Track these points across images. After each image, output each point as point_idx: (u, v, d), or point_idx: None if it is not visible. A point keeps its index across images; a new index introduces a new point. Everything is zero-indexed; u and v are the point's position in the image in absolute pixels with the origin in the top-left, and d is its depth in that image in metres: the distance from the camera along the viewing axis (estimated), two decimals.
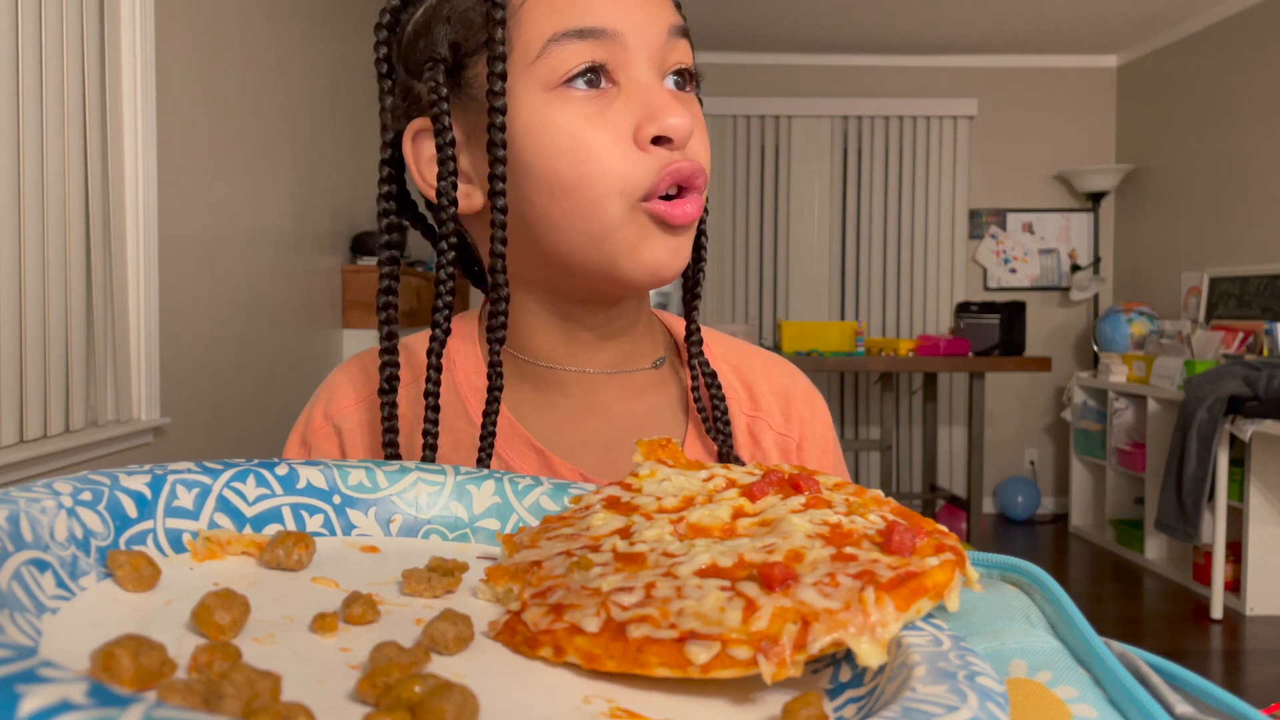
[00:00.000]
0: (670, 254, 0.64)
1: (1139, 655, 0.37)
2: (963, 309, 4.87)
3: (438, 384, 0.66)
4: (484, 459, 0.64)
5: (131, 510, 0.41)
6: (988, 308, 4.73)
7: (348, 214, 3.62)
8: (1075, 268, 5.63)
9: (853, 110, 5.61)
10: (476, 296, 4.80)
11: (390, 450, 0.66)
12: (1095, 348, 5.17)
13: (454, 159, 0.64)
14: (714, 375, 0.73)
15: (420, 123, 0.67)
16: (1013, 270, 5.69)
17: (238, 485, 0.46)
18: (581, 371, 0.71)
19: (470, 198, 0.67)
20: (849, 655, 0.36)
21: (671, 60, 0.65)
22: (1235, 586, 3.91)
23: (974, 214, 5.68)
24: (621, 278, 0.64)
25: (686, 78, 0.66)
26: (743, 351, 0.81)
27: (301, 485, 0.48)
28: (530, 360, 0.71)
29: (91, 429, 1.97)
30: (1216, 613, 3.80)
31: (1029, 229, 5.68)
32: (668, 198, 0.63)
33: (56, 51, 1.81)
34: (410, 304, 3.73)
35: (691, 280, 0.74)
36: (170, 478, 0.44)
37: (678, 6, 0.67)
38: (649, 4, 0.64)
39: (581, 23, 0.61)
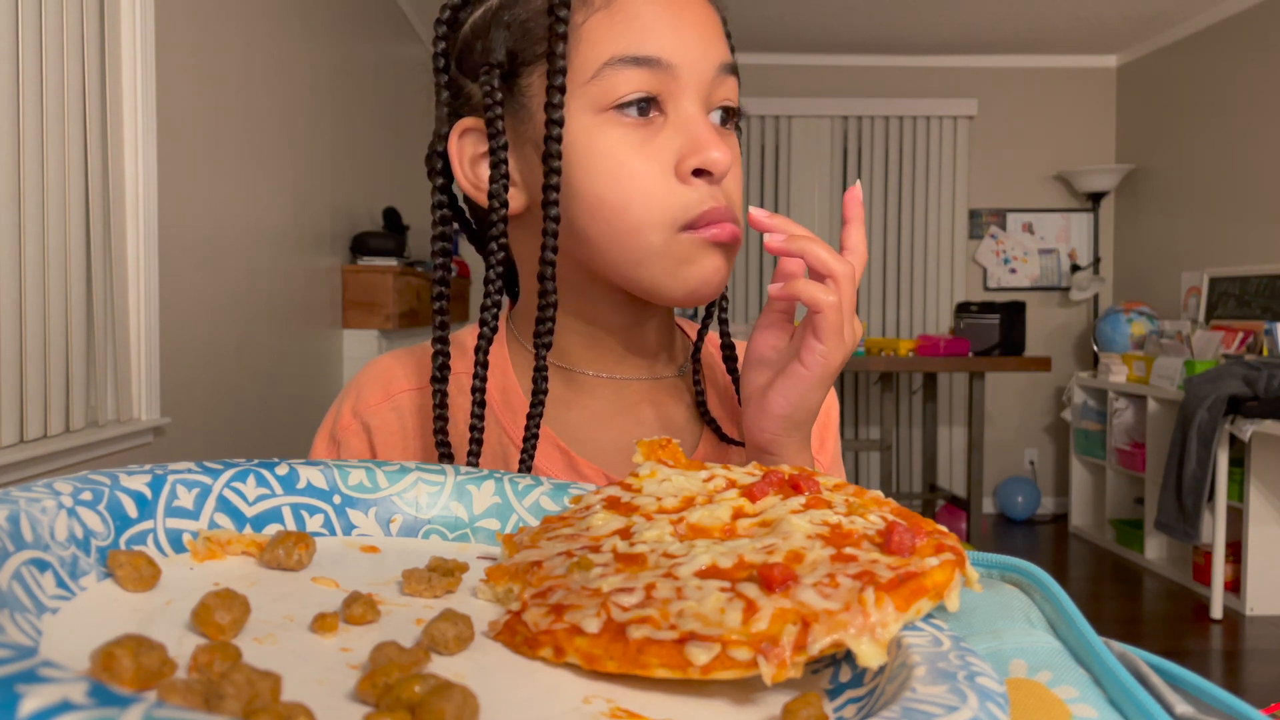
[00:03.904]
0: (713, 273, 0.65)
1: (1139, 655, 0.37)
2: (962, 309, 4.87)
3: (484, 380, 0.67)
4: (526, 463, 0.65)
5: (132, 510, 0.41)
6: (988, 308, 4.73)
7: (348, 214, 3.62)
8: (1075, 268, 5.63)
9: (853, 110, 5.60)
10: (473, 296, 4.79)
11: (441, 436, 0.67)
12: (1095, 348, 5.16)
13: (506, 163, 0.65)
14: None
15: (468, 121, 0.68)
16: (1013, 270, 5.69)
17: (238, 485, 0.46)
18: (609, 377, 0.72)
19: (513, 200, 0.68)
20: (849, 655, 0.36)
21: (718, 96, 0.66)
22: (1235, 586, 3.91)
23: (974, 214, 5.68)
24: (662, 295, 0.65)
25: (730, 115, 0.67)
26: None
27: (301, 485, 0.48)
28: (557, 363, 0.72)
29: (91, 429, 1.97)
30: (1216, 613, 3.80)
31: (1029, 229, 5.68)
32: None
33: (56, 51, 1.81)
34: (410, 304, 3.72)
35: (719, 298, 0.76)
36: (170, 478, 0.44)
37: (728, 35, 0.68)
38: (704, 39, 0.65)
39: (639, 50, 0.62)
